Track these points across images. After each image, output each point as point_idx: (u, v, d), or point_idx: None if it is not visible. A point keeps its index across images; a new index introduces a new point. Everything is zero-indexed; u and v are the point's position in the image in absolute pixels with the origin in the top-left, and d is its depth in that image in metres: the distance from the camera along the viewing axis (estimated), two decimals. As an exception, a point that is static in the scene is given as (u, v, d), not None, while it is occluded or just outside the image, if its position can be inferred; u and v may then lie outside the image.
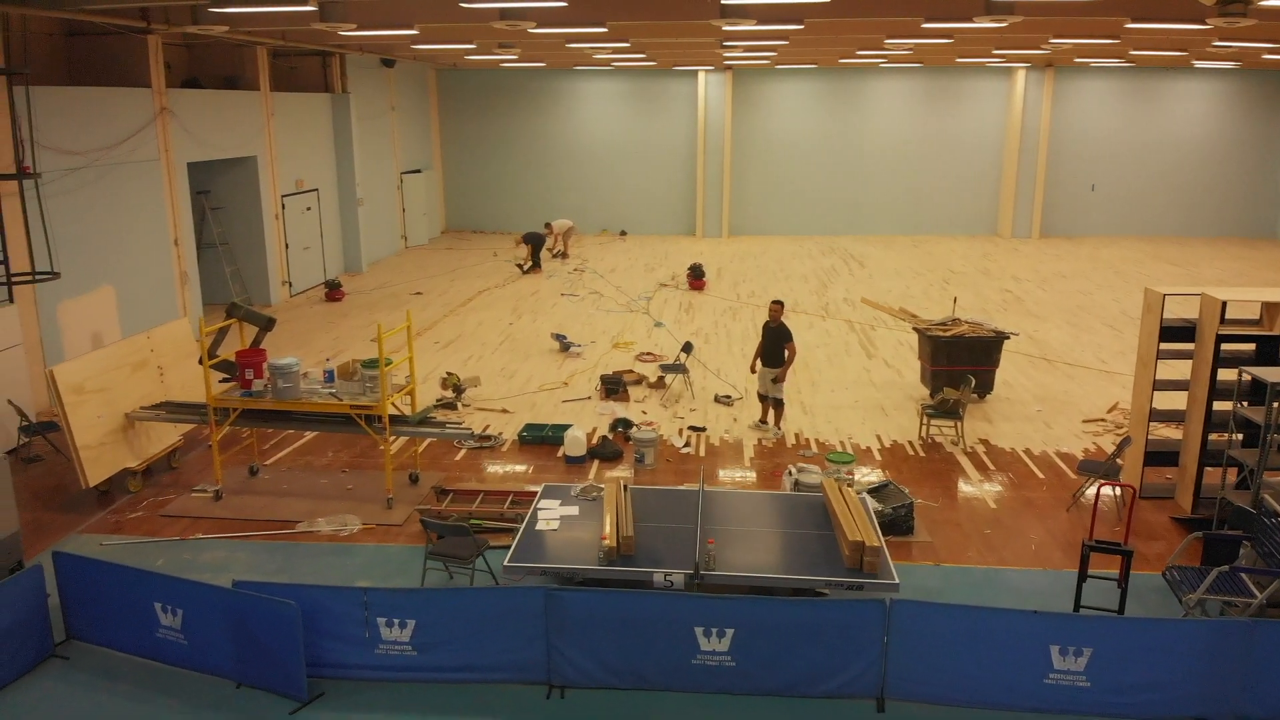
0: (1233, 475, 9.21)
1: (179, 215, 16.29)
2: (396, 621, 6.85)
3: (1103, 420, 12.62)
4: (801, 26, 14.35)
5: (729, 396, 13.36)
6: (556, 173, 30.72)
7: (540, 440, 11.74)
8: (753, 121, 30.06)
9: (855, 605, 6.68)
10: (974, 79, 29.25)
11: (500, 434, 12.05)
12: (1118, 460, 9.92)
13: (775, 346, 11.94)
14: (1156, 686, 6.48)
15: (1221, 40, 16.75)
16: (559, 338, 16.29)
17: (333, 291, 20.40)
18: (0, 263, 12.07)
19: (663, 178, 30.42)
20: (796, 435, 12.18)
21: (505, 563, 7.28)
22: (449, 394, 13.29)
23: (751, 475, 10.90)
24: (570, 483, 9.06)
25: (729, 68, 28.81)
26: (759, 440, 11.97)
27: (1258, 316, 9.70)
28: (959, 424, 11.65)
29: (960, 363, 13.02)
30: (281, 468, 11.11)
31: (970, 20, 13.01)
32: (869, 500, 8.96)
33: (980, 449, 11.65)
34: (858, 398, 13.66)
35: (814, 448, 11.67)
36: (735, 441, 11.97)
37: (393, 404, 10.01)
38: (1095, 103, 29.09)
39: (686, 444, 11.84)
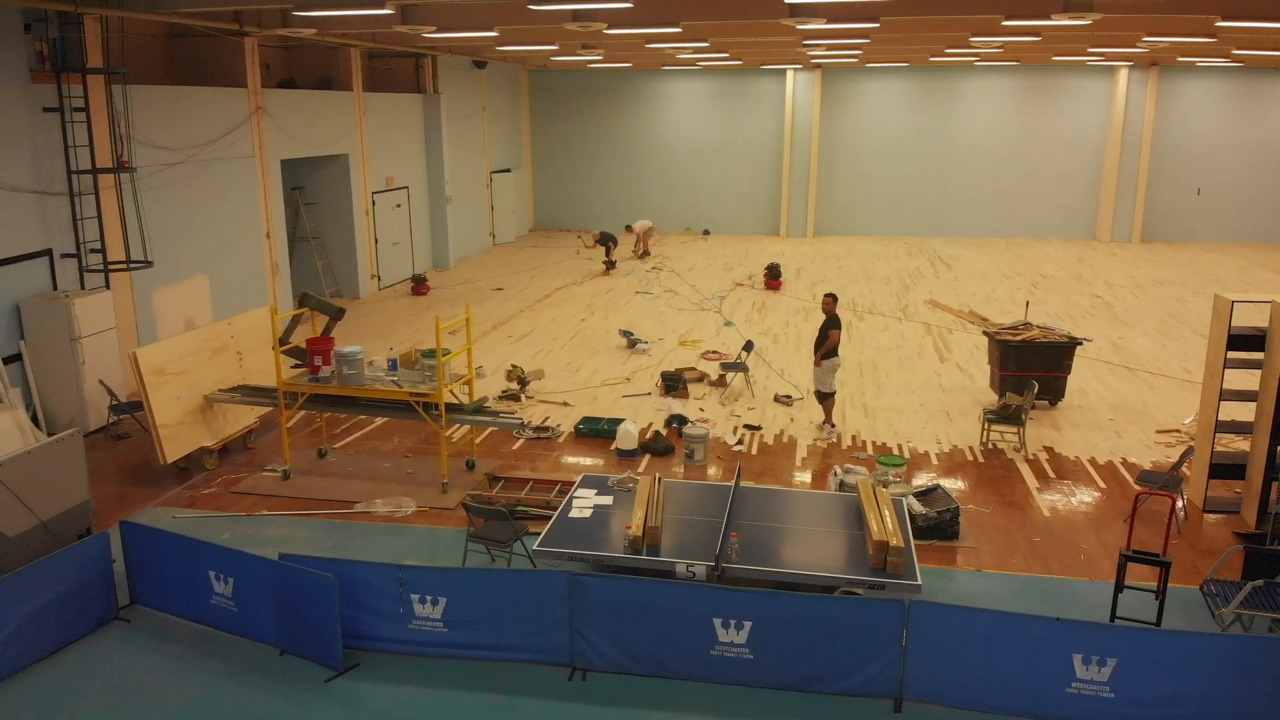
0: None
1: (271, 210, 17.07)
2: (429, 599, 7.14)
3: (1177, 431, 12.19)
4: (877, 25, 14.23)
5: (789, 396, 13.35)
6: (642, 172, 30.98)
7: (596, 433, 11.96)
8: (841, 120, 29.77)
9: (874, 604, 6.68)
10: (1073, 78, 28.37)
11: (558, 426, 12.31)
12: (1180, 471, 9.60)
13: (822, 338, 11.94)
14: (1183, 701, 6.31)
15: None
16: (626, 334, 16.50)
17: (418, 286, 21.05)
18: (97, 251, 12.92)
19: (748, 177, 30.38)
20: (853, 437, 12.11)
21: (534, 547, 7.51)
22: (514, 385, 13.62)
23: (802, 475, 10.89)
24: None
25: (817, 66, 28.61)
26: (814, 440, 11.95)
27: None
28: (1021, 430, 11.41)
29: (1030, 368, 12.73)
30: (349, 451, 11.60)
31: (1048, 17, 12.73)
32: (907, 503, 8.92)
33: (1043, 456, 11.39)
34: (923, 401, 13.48)
35: (869, 449, 11.59)
36: (790, 441, 11.97)
37: (451, 393, 10.36)
38: (1202, 103, 27.89)
39: (739, 441, 11.90)
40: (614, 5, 11.78)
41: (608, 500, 8.28)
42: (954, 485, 10.45)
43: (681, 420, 12.30)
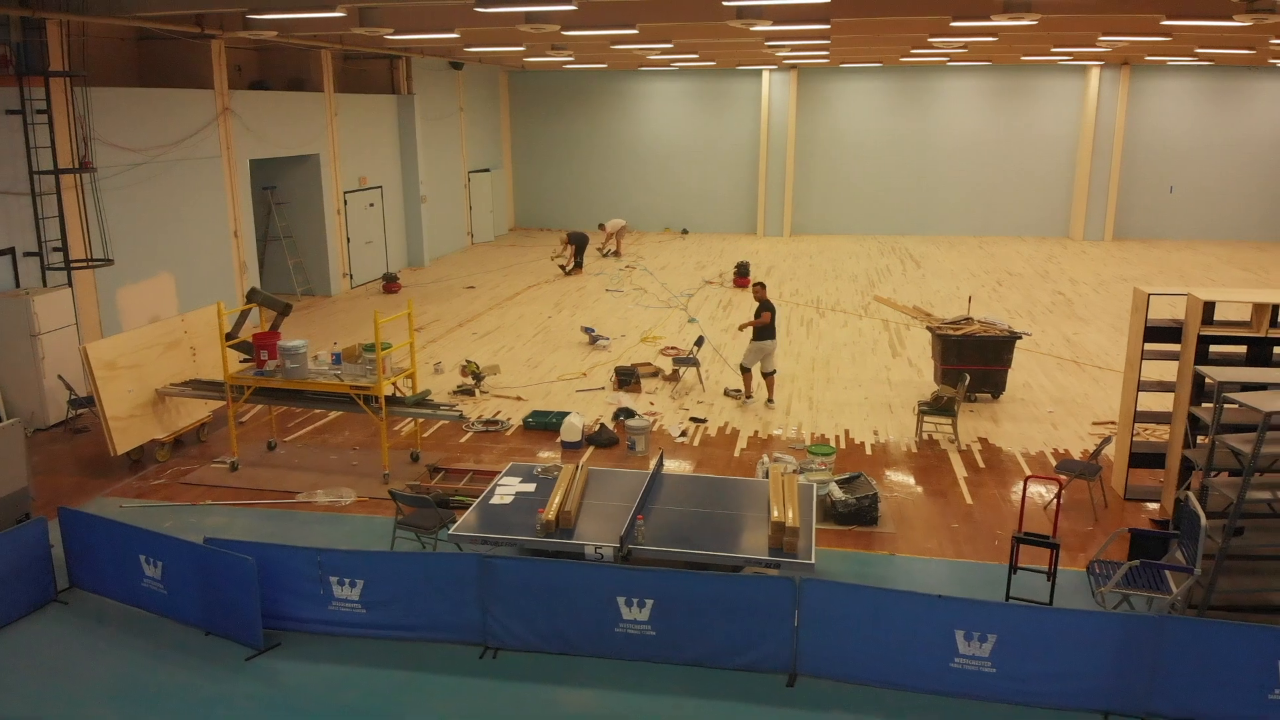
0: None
1: (239, 209, 17.35)
2: (348, 581, 7.42)
3: (1112, 423, 12.45)
4: (827, 26, 14.50)
5: (739, 390, 13.63)
6: (621, 172, 31.27)
7: (544, 426, 12.23)
8: (818, 120, 30.05)
9: (767, 582, 6.95)
10: (1046, 77, 28.64)
11: (508, 419, 12.59)
12: (1098, 460, 9.86)
13: (767, 325, 12.83)
14: (1062, 677, 6.57)
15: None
16: (588, 331, 16.77)
17: (389, 284, 21.33)
18: (59, 249, 13.20)
19: (725, 177, 30.67)
20: (798, 428, 12.39)
21: (449, 531, 7.79)
22: (469, 380, 13.90)
23: (735, 464, 11.17)
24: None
25: (793, 67, 28.89)
26: (755, 432, 12.23)
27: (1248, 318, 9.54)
28: (953, 421, 11.68)
29: (970, 362, 13.01)
30: (299, 445, 11.87)
31: (988, 18, 13.00)
32: (830, 490, 9.20)
33: (976, 447, 11.67)
34: (869, 395, 13.75)
35: (807, 440, 11.86)
36: (733, 433, 12.25)
37: (394, 386, 10.64)
38: (1174, 102, 28.17)
39: (683, 433, 12.17)
40: (561, 8, 12.04)
41: (531, 488, 8.55)
42: (896, 476, 10.73)
43: (629, 413, 12.56)
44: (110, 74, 15.85)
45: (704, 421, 12.65)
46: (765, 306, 12.84)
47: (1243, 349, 9.59)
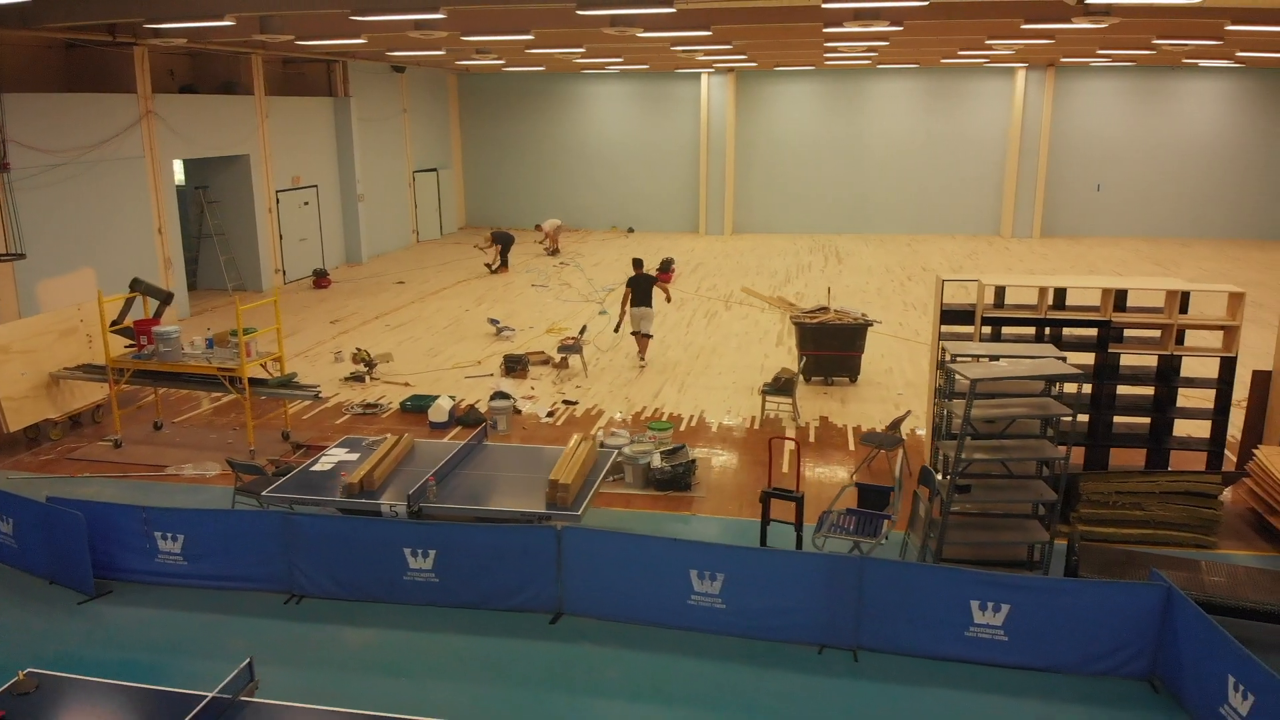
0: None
1: (163, 207, 18.21)
2: (170, 535, 8.28)
3: (952, 403, 13.31)
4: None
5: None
6: (570, 171, 32.15)
7: (420, 409, 13.08)
8: (757, 123, 30.92)
9: (533, 531, 7.82)
10: (975, 79, 29.52)
11: (388, 403, 13.46)
12: (896, 432, 10.73)
13: (644, 292, 15.07)
14: (782, 612, 7.44)
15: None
16: (493, 322, 17.65)
17: (319, 279, 22.19)
18: (-24, 244, 14.08)
19: (669, 177, 31.54)
20: (658, 409, 13.26)
21: (264, 493, 8.66)
22: (361, 367, 14.76)
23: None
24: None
25: (730, 70, 29.75)
26: (619, 414, 13.10)
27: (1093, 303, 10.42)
28: (793, 400, 12.55)
29: (827, 348, 13.89)
30: (186, 425, 12.74)
31: (841, 24, 13.85)
32: (652, 460, 10.09)
33: (815, 424, 12.54)
34: (737, 380, 14.62)
35: (665, 419, 12.73)
36: (598, 413, 13.12)
37: (263, 368, 11.52)
38: (1100, 102, 29.04)
39: (550, 414, 13.04)
40: (432, 15, 12.90)
41: (354, 457, 9.41)
42: (726, 450, 11.60)
43: (504, 396, 13.42)
44: (39, 80, 16.72)
45: (574, 404, 13.52)
46: (630, 282, 15.15)
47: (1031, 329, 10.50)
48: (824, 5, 11.85)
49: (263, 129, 21.28)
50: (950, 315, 10.59)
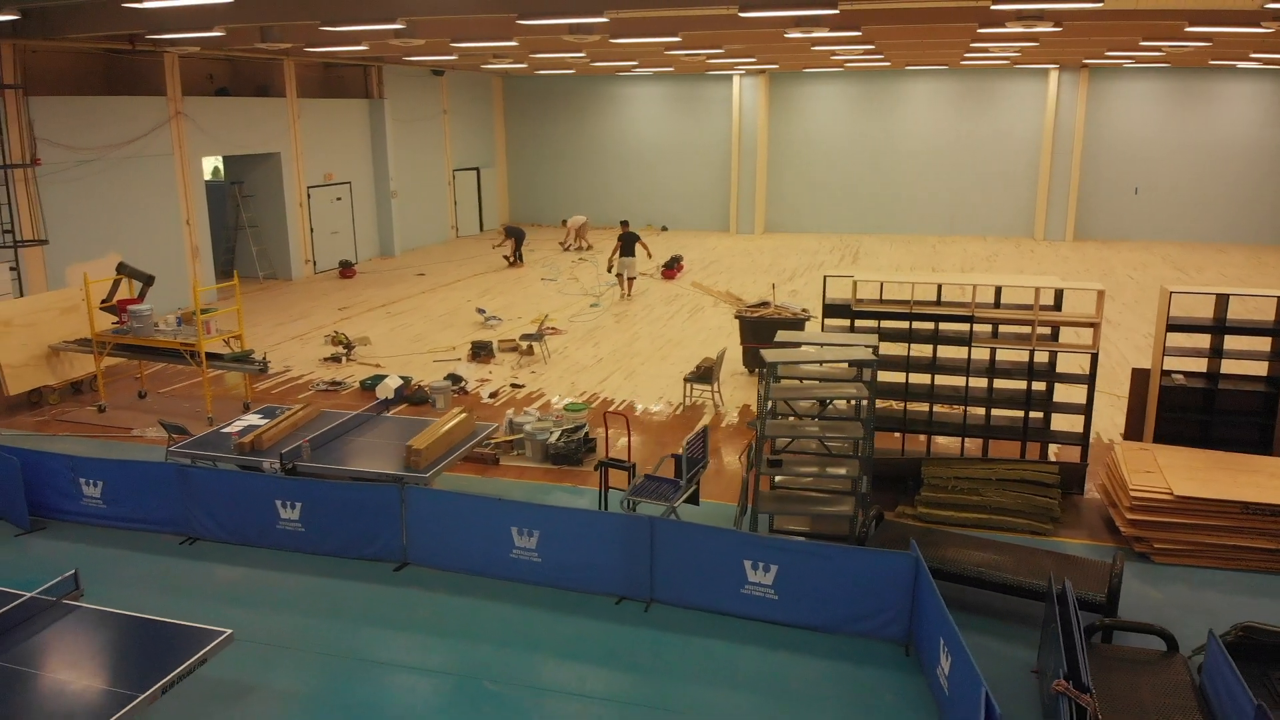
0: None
1: (191, 200, 19.92)
2: (92, 482, 9.58)
3: (876, 396, 13.81)
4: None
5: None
6: (608, 170, 33.20)
7: (374, 387, 14.26)
8: (789, 123, 31.41)
9: (382, 489, 8.83)
10: (1009, 81, 29.41)
11: (353, 381, 14.69)
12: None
13: (629, 246, 20.62)
14: (588, 566, 8.27)
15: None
16: (481, 311, 18.78)
17: (345, 270, 23.74)
18: (9, 231, 15.86)
19: (702, 177, 32.28)
20: (596, 395, 14.14)
21: (168, 449, 9.89)
22: (339, 349, 16.05)
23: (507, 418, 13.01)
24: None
25: (762, 71, 30.32)
26: (558, 396, 14.03)
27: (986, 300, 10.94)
28: (713, 387, 13.28)
29: (765, 340, 14.50)
30: (167, 395, 14.20)
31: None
32: (552, 438, 11.00)
33: (735, 410, 13.24)
34: (683, 370, 15.35)
35: (598, 403, 13.62)
36: (539, 395, 14.08)
37: (226, 344, 12.86)
38: (1136, 104, 28.62)
39: (492, 395, 14.07)
40: (388, 26, 14.00)
41: (264, 422, 10.58)
42: (642, 432, 12.42)
43: (457, 379, 14.51)
44: (81, 84, 18.58)
45: (521, 387, 14.51)
46: (620, 238, 20.73)
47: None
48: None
49: (294, 129, 22.90)
50: (831, 310, 11.19)
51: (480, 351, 16.01)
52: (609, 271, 21.10)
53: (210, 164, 24.80)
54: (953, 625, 6.46)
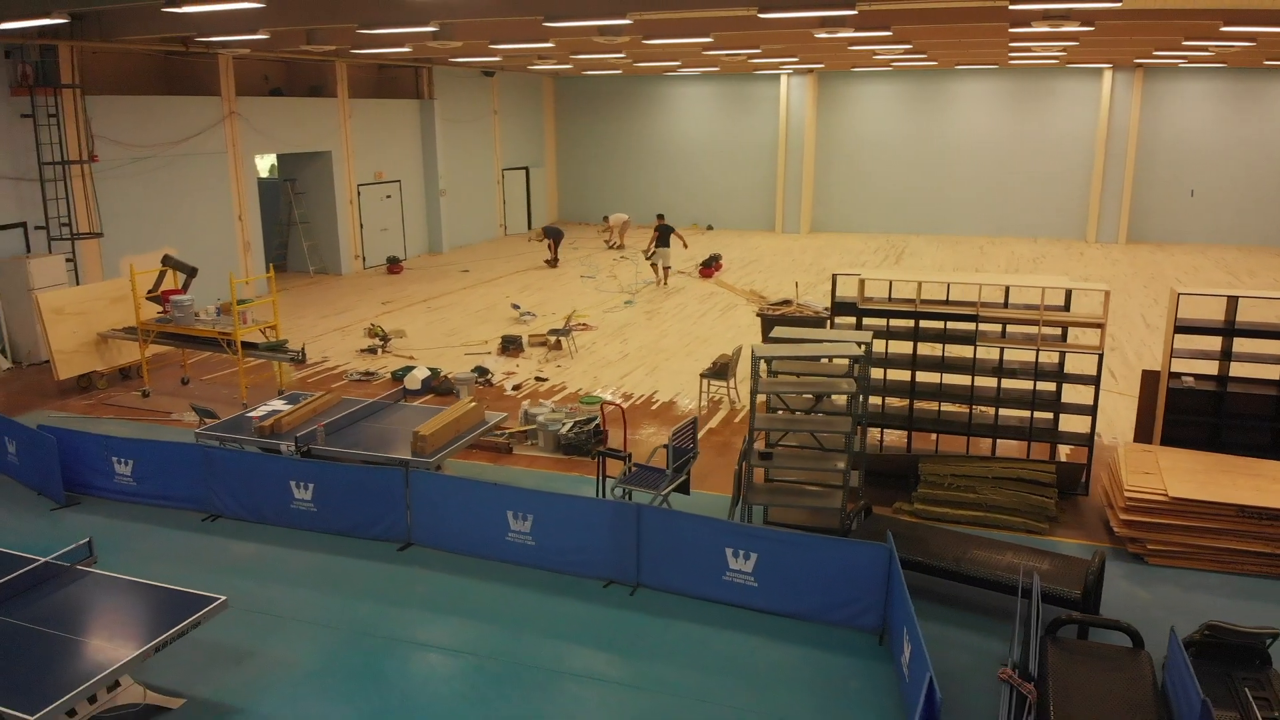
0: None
1: (244, 196, 20.70)
2: (124, 460, 10.16)
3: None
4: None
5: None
6: (655, 170, 33.49)
7: (404, 378, 14.74)
8: (838, 122, 31.35)
9: (387, 471, 9.23)
10: (1062, 80, 28.99)
11: (386, 372, 15.20)
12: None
13: (665, 237, 22.04)
14: (579, 550, 8.57)
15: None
16: (515, 306, 19.21)
17: (393, 266, 24.40)
18: (66, 224, 16.70)
19: (749, 176, 32.38)
20: (618, 388, 14.44)
21: (197, 430, 10.42)
22: (376, 341, 16.58)
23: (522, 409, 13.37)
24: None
25: (809, 70, 30.32)
26: (580, 388, 14.36)
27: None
28: (728, 383, 13.49)
29: (787, 338, 14.67)
30: (209, 382, 14.86)
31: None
32: (563, 430, 11.33)
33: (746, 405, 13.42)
34: (704, 366, 15.57)
35: (618, 397, 13.92)
36: (560, 388, 14.42)
37: (262, 333, 13.44)
38: (1192, 105, 28.01)
39: (516, 388, 14.45)
40: (423, 29, 14.46)
41: (288, 408, 11.07)
42: (654, 424, 12.69)
43: (483, 371, 14.93)
44: (142, 84, 19.45)
45: (545, 380, 14.87)
46: (657, 229, 22.11)
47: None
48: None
49: (345, 128, 23.61)
50: (840, 308, 11.34)
51: (510, 345, 16.41)
52: (646, 259, 22.53)
53: (266, 162, 25.66)
54: (913, 615, 6.62)
